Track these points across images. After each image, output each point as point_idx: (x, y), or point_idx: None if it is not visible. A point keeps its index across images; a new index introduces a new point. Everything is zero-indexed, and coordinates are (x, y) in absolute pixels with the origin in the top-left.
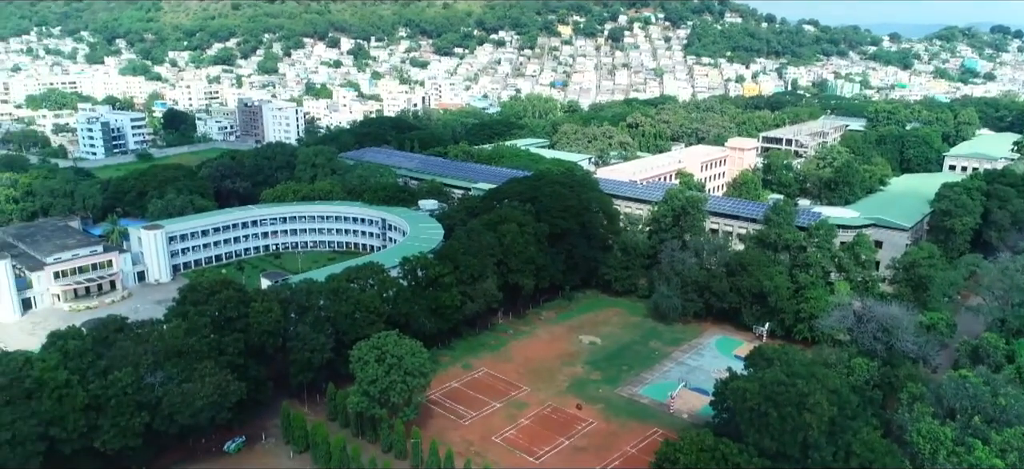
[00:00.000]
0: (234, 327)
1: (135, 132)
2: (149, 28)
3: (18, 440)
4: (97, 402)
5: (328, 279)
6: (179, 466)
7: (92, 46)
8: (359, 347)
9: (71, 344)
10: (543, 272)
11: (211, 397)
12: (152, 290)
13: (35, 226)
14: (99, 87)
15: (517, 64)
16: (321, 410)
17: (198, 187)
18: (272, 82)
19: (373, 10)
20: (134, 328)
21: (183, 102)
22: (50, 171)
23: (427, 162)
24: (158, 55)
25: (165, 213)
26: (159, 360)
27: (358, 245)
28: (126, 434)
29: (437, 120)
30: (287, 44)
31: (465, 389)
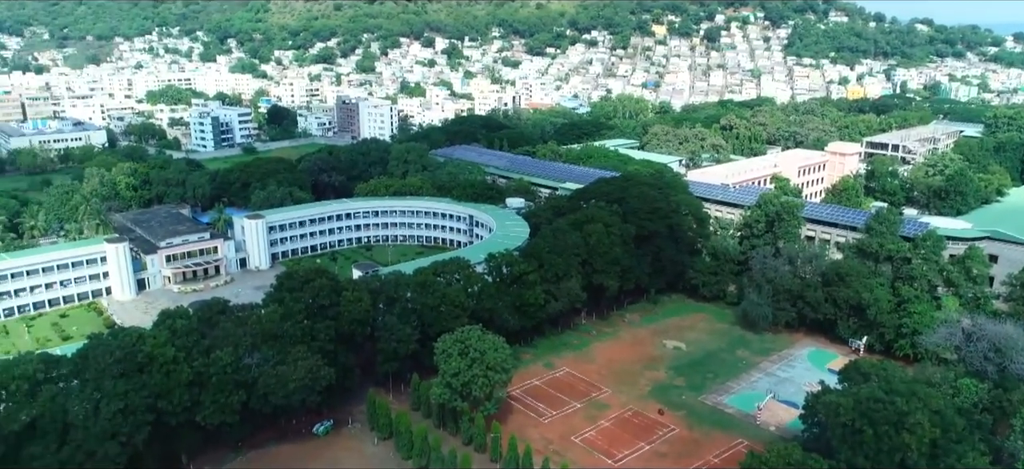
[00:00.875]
0: (326, 315)
1: (242, 127)
2: (257, 28)
3: (130, 410)
4: (200, 379)
5: (415, 272)
6: (271, 445)
7: (206, 45)
8: (443, 340)
9: (179, 323)
10: (628, 274)
11: (303, 380)
12: (252, 276)
13: (150, 212)
14: (211, 84)
15: (609, 64)
16: (405, 399)
17: (297, 180)
18: (369, 80)
19: (468, 10)
20: (235, 311)
21: (286, 99)
22: (165, 162)
23: (515, 161)
24: (265, 54)
25: (266, 204)
26: (256, 342)
27: (445, 240)
28: (225, 410)
29: (526, 119)
30: (384, 44)
31: (546, 387)
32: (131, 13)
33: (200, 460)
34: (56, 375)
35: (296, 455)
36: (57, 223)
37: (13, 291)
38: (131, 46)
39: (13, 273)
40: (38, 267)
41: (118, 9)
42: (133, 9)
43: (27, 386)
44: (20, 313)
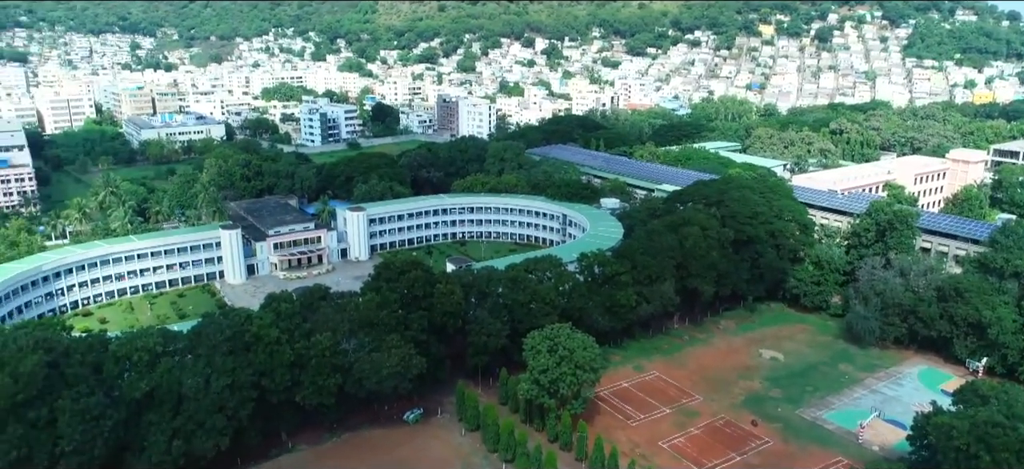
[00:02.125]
0: (420, 305)
1: (347, 123)
2: (365, 29)
3: (237, 385)
4: (300, 360)
5: (507, 268)
6: (364, 428)
7: (317, 45)
8: (532, 336)
9: (283, 306)
10: (725, 279)
11: (396, 368)
12: (352, 266)
13: (261, 202)
14: (321, 82)
15: (712, 65)
16: (493, 393)
17: (397, 175)
18: (469, 80)
19: (569, 11)
20: (335, 298)
21: (390, 97)
22: (276, 155)
23: (611, 161)
24: (371, 53)
25: (368, 197)
26: (354, 328)
27: (538, 238)
28: (322, 392)
29: (624, 120)
30: (485, 44)
31: (634, 390)
32: (250, 14)
33: (298, 438)
34: (173, 349)
35: (387, 440)
36: (179, 209)
37: (139, 270)
38: (250, 46)
39: (140, 254)
40: (161, 249)
41: (239, 11)
42: (252, 11)
43: (148, 357)
44: (144, 291)
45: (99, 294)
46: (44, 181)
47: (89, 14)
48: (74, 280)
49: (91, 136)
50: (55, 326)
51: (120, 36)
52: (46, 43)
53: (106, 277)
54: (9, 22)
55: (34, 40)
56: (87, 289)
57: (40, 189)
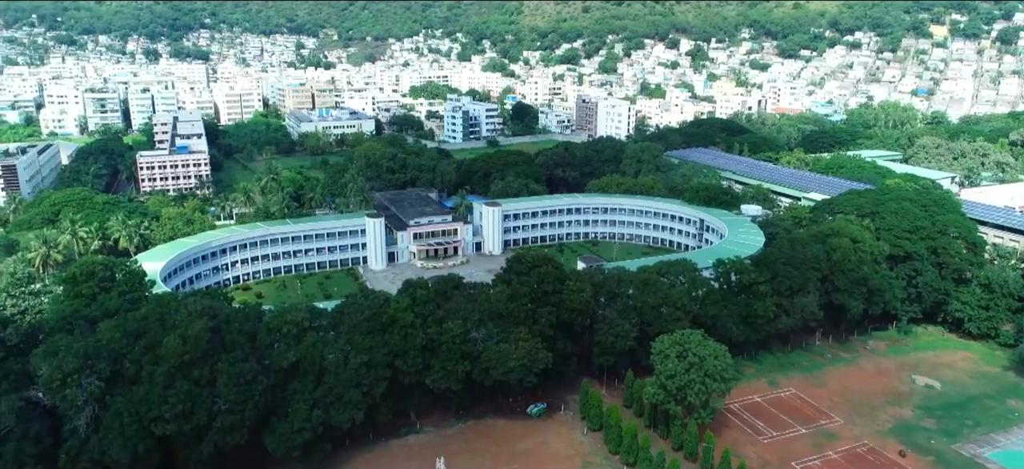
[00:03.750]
0: (549, 301)
1: (488, 121)
2: (510, 30)
3: (372, 364)
4: (432, 345)
5: (639, 270)
6: (489, 418)
7: (463, 46)
8: (661, 340)
9: (419, 293)
10: (875, 296)
11: (522, 360)
12: (486, 260)
13: (403, 194)
14: (465, 81)
15: (872, 69)
16: (618, 395)
17: (533, 173)
18: (610, 81)
19: (717, 11)
20: (467, 288)
21: (530, 96)
22: (420, 150)
23: (755, 166)
24: (514, 54)
25: (504, 193)
26: (483, 319)
27: (673, 242)
28: (451, 377)
29: (771, 124)
30: (628, 44)
31: (768, 406)
32: (403, 16)
33: (426, 420)
34: (318, 325)
35: (510, 431)
36: (330, 197)
37: (292, 252)
38: (401, 46)
39: (294, 236)
40: (312, 233)
41: (393, 13)
42: (405, 12)
43: (295, 331)
44: (296, 271)
45: (257, 271)
46: (216, 167)
47: (262, 16)
48: (237, 257)
49: (258, 127)
50: (219, 297)
51: (287, 36)
52: (225, 43)
53: (264, 256)
54: (196, 24)
55: (215, 40)
56: (247, 266)
57: (213, 174)
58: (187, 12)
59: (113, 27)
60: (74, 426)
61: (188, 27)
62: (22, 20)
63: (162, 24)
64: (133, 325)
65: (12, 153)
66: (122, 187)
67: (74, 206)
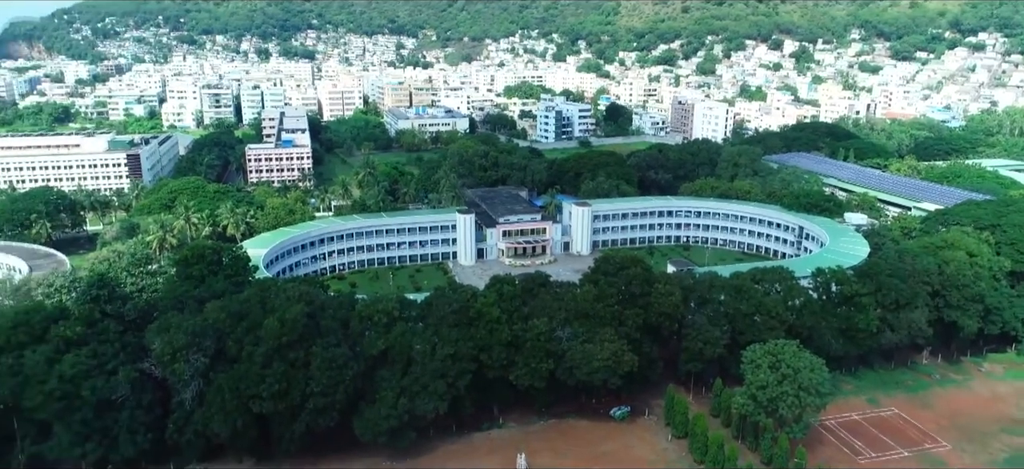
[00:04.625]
0: (636, 303)
1: (580, 121)
2: (606, 30)
3: (458, 357)
4: (517, 341)
5: (732, 276)
6: (571, 417)
7: (559, 46)
8: (753, 349)
9: (506, 289)
10: (993, 315)
11: (607, 361)
12: (573, 260)
13: (494, 192)
14: (559, 81)
15: (997, 72)
16: (704, 402)
17: (625, 174)
18: (708, 83)
19: (825, 11)
20: (554, 286)
21: (624, 98)
22: (512, 148)
23: (861, 174)
24: (610, 54)
25: (594, 194)
26: (569, 318)
27: (769, 250)
28: (534, 375)
29: (880, 130)
30: (728, 45)
31: (867, 425)
32: (500, 17)
33: (508, 416)
34: (407, 316)
35: (592, 432)
36: (423, 192)
37: (386, 244)
38: (497, 47)
39: (388, 229)
40: (405, 227)
41: (490, 13)
42: (502, 13)
43: (386, 320)
44: (388, 263)
45: (352, 262)
46: (318, 161)
47: (365, 17)
48: (334, 247)
49: (358, 124)
50: (316, 284)
51: (388, 37)
52: (330, 43)
53: (359, 247)
54: (304, 25)
55: (321, 40)
56: (343, 256)
57: (314, 167)
58: (296, 13)
59: (229, 27)
60: (181, 399)
61: (297, 27)
62: (150, 21)
63: (273, 25)
64: (236, 307)
65: (137, 143)
66: (232, 177)
67: (188, 194)
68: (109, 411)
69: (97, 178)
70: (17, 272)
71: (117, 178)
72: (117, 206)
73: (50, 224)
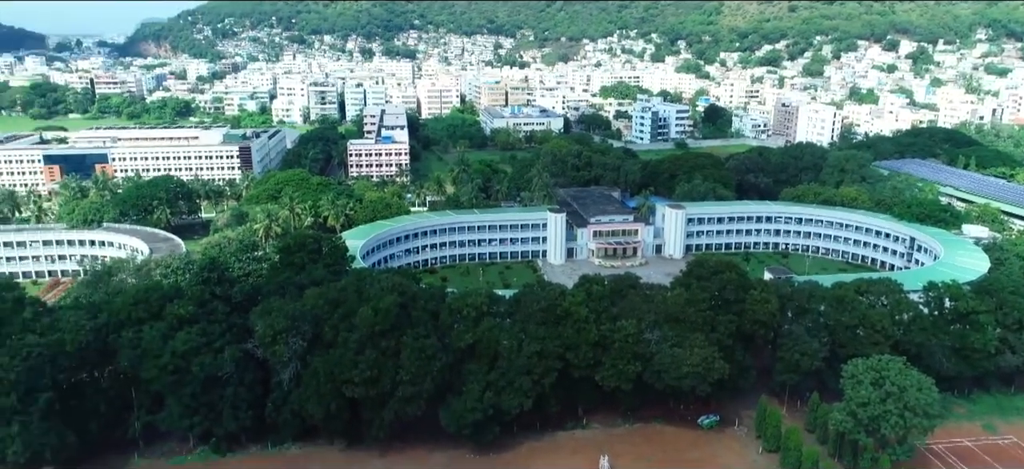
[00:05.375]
0: (730, 309)
1: (677, 123)
2: (708, 30)
3: (544, 354)
4: (604, 342)
5: (834, 286)
6: (657, 422)
7: (657, 46)
8: (855, 364)
9: (594, 288)
10: None
11: (697, 367)
12: (665, 263)
13: (586, 192)
14: (656, 82)
15: None
16: (799, 416)
17: (722, 177)
18: (814, 85)
19: (947, 10)
20: (644, 288)
21: (724, 99)
22: (606, 149)
23: (982, 183)
24: (711, 55)
25: (689, 196)
26: (659, 320)
27: (875, 260)
28: (621, 376)
29: (1007, 137)
30: (838, 46)
31: (981, 453)
32: (598, 17)
33: (593, 416)
34: (495, 311)
35: (678, 439)
36: (515, 190)
37: (477, 240)
38: (594, 47)
39: (479, 226)
40: (497, 224)
41: (588, 13)
42: (601, 13)
43: (474, 314)
44: (479, 259)
45: (444, 257)
46: (415, 157)
47: (465, 17)
48: (427, 242)
49: (454, 122)
50: (409, 276)
51: (487, 37)
52: (430, 42)
53: (451, 243)
54: (406, 25)
55: (422, 40)
56: (435, 251)
57: (411, 163)
58: (399, 13)
59: (336, 28)
60: (280, 379)
61: (399, 27)
62: (264, 22)
63: (377, 25)
64: (334, 294)
65: (248, 137)
66: (334, 171)
67: (293, 185)
68: (215, 387)
69: (212, 169)
70: (139, 253)
71: (230, 169)
72: (229, 195)
73: (169, 210)
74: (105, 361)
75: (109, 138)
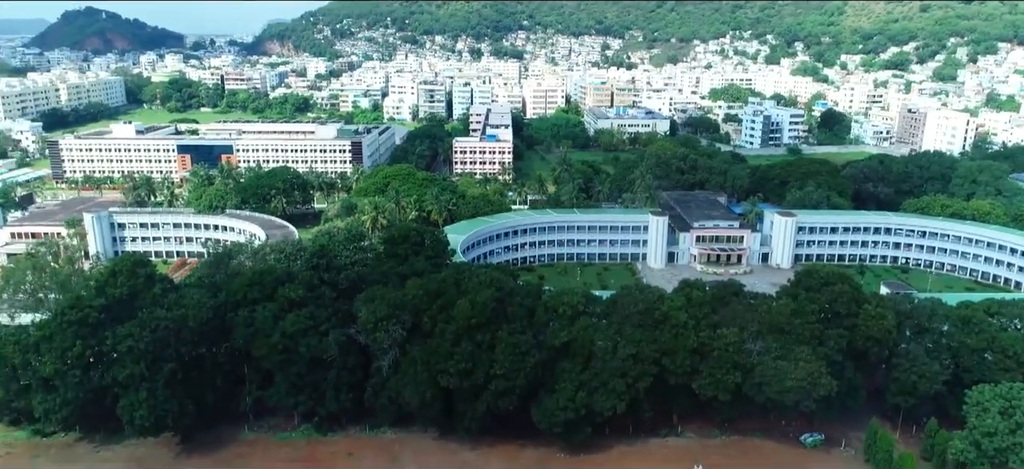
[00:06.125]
0: (840, 323)
1: (791, 128)
2: (828, 32)
3: (639, 358)
4: (703, 349)
5: (960, 305)
6: (755, 436)
7: (772, 48)
8: (981, 390)
9: (695, 294)
10: None
11: (802, 382)
12: (771, 272)
13: (690, 195)
14: (770, 85)
15: None
16: (913, 443)
17: (837, 185)
18: (945, 90)
19: None
20: (747, 297)
21: (843, 104)
22: (713, 152)
23: None
24: (830, 58)
25: (800, 204)
26: (762, 331)
27: (1010, 280)
28: (719, 386)
29: None
30: (975, 49)
31: None
32: (711, 17)
33: (688, 426)
34: (591, 311)
35: (778, 455)
36: (617, 191)
37: (576, 240)
38: (705, 48)
39: (579, 226)
40: (596, 225)
41: (700, 14)
42: (714, 13)
43: (570, 313)
44: (577, 259)
45: (542, 255)
46: (518, 156)
47: (573, 18)
48: (526, 239)
49: (558, 122)
50: (507, 272)
51: (595, 37)
52: (538, 43)
53: (550, 242)
54: (515, 25)
55: (530, 41)
56: (534, 249)
57: (514, 162)
58: (509, 14)
59: (448, 28)
60: (379, 365)
61: (508, 28)
62: (380, 22)
63: (487, 26)
64: (433, 286)
65: (360, 133)
66: (439, 167)
67: (400, 180)
68: (319, 368)
69: (326, 162)
70: (256, 238)
71: (342, 162)
72: (340, 187)
73: (285, 200)
74: (222, 337)
75: (234, 131)
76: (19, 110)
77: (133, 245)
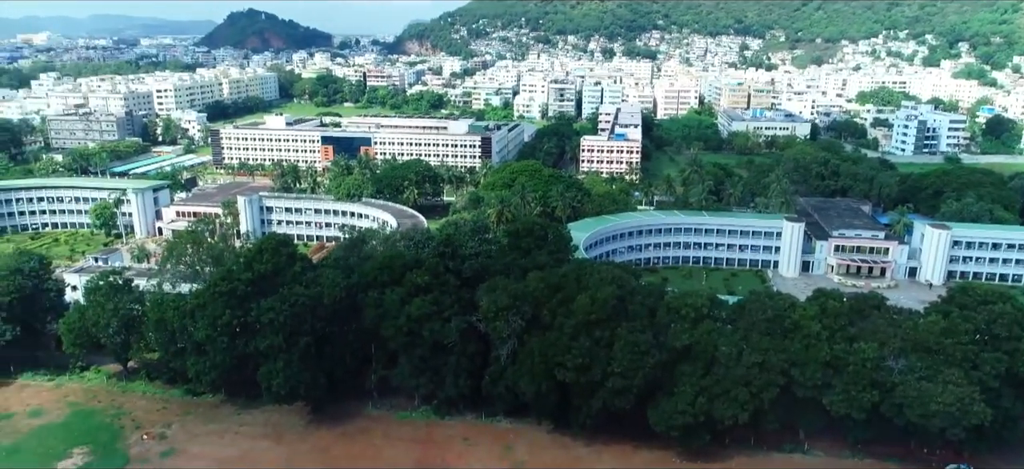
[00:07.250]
0: (999, 346)
1: (950, 134)
2: (999, 31)
3: (766, 366)
4: (837, 362)
5: None
6: (892, 461)
7: (932, 49)
8: None
9: (830, 304)
10: None
11: (949, 407)
12: (918, 288)
13: (830, 203)
14: (927, 88)
15: None
16: None
17: (1003, 198)
18: None
19: None
20: (891, 311)
21: (1014, 110)
22: (858, 158)
23: None
24: (1000, 60)
25: (957, 217)
26: (906, 348)
27: None
28: (854, 404)
29: None
30: None
31: None
32: (862, 16)
33: (816, 444)
34: (716, 315)
35: None
36: (750, 195)
37: (703, 243)
38: (854, 49)
39: (707, 229)
40: (726, 229)
41: (850, 13)
42: (865, 13)
43: (693, 315)
44: (704, 263)
45: (667, 257)
46: (646, 156)
47: (711, 17)
48: (651, 240)
49: (690, 123)
50: (629, 271)
51: (733, 38)
52: (672, 43)
53: (675, 243)
54: (649, 25)
55: (664, 40)
56: (659, 250)
57: (642, 162)
58: (643, 14)
59: (581, 28)
60: (498, 354)
61: (642, 28)
62: (514, 22)
63: (620, 25)
64: (554, 280)
65: (490, 129)
66: (565, 165)
67: (526, 175)
68: (441, 353)
69: (456, 156)
70: (388, 226)
71: (471, 157)
72: (468, 181)
73: (417, 191)
74: (353, 317)
75: (373, 125)
76: (188, 102)
77: (279, 227)
